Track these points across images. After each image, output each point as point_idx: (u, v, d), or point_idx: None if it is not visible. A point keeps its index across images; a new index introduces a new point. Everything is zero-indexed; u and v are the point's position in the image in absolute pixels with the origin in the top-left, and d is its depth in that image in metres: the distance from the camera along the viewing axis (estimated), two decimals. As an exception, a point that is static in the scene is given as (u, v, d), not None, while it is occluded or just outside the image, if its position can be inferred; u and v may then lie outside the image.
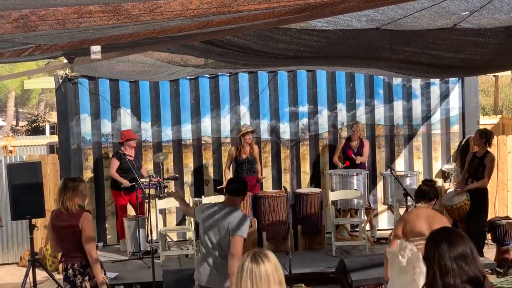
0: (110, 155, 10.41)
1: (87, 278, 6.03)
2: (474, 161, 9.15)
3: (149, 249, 8.74)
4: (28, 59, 5.77)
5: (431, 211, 6.06)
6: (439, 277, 3.09)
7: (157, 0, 2.57)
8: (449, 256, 3.10)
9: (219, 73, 10.56)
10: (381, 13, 4.48)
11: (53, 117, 31.55)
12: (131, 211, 10.23)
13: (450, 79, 11.07)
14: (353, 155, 10.38)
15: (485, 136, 9.07)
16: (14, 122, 35.89)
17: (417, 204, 6.19)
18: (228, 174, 10.20)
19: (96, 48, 4.25)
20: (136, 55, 6.55)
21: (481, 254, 8.90)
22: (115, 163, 9.91)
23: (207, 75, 10.62)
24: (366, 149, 10.56)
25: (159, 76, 9.24)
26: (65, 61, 6.13)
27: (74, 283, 6.07)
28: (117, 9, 2.54)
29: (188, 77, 10.44)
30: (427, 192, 6.10)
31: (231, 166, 10.33)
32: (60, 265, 7.11)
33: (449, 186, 10.52)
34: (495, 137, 11.00)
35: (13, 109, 35.28)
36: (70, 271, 6.08)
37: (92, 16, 2.54)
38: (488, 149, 9.13)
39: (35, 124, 29.49)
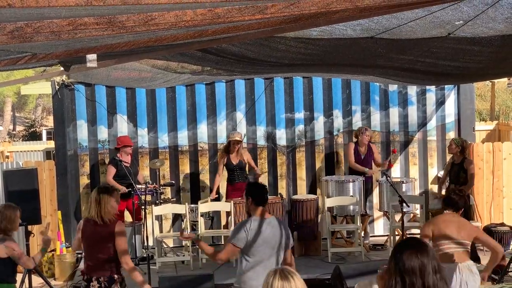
0: (107, 162, 10.39)
1: None
2: (454, 168, 9.66)
3: (145, 255, 8.72)
4: (24, 67, 5.79)
5: (460, 218, 6.27)
6: (400, 279, 3.19)
7: (152, 12, 2.58)
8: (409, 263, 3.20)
9: (215, 80, 10.56)
10: (375, 23, 4.51)
11: (50, 122, 31.52)
12: (127, 217, 10.21)
13: (446, 86, 11.09)
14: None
15: (461, 145, 9.64)
16: (11, 127, 35.84)
17: (444, 211, 6.38)
18: (218, 181, 10.26)
19: (92, 57, 4.26)
20: (132, 62, 6.56)
21: (478, 261, 8.91)
22: (112, 170, 9.89)
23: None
24: (377, 155, 10.61)
25: (155, 83, 9.24)
26: (61, 68, 6.16)
27: None
28: (111, 21, 2.54)
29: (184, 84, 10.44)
30: (457, 201, 6.31)
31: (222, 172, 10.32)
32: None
33: (445, 193, 10.55)
34: (490, 143, 11.10)
35: (10, 114, 35.23)
36: (95, 283, 5.90)
37: (87, 28, 2.55)
38: (465, 155, 9.68)
39: (32, 130, 29.46)
